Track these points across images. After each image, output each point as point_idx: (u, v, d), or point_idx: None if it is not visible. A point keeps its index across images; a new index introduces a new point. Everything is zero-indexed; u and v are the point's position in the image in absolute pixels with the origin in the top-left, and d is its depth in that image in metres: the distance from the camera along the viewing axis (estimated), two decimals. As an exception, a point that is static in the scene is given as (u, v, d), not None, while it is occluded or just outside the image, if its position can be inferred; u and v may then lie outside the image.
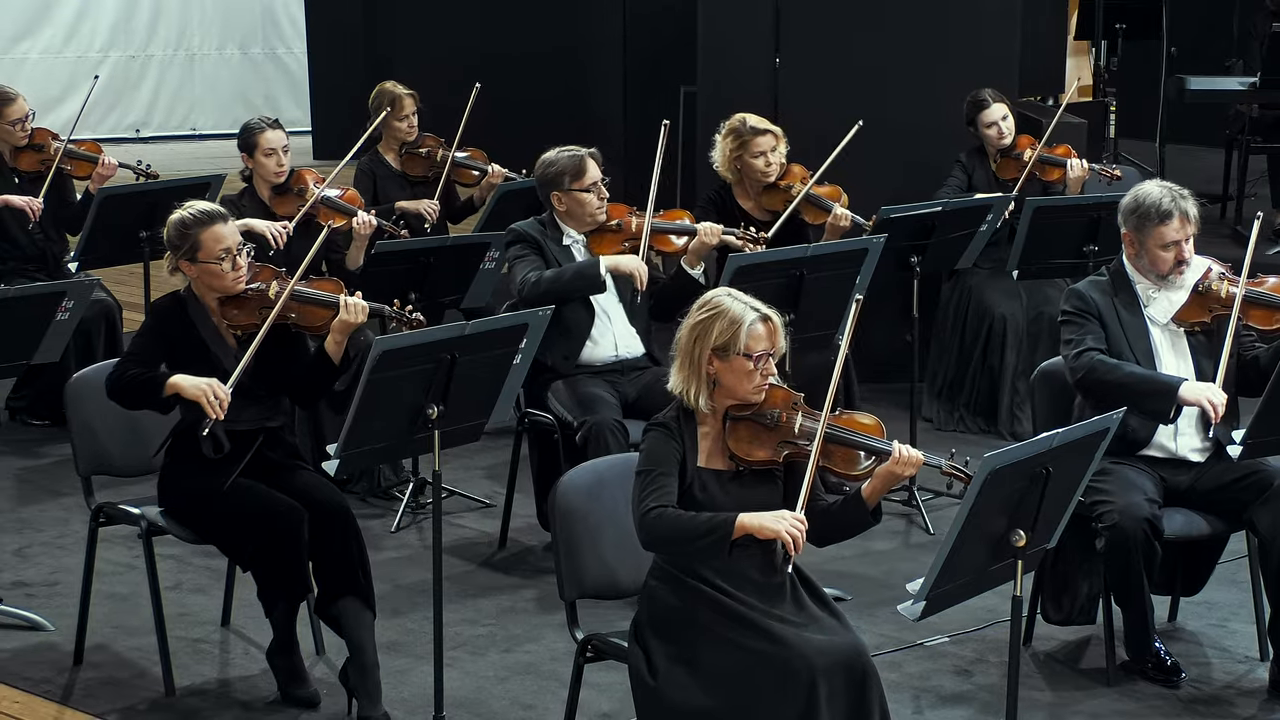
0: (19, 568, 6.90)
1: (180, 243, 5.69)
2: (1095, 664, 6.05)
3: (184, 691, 5.84)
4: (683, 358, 4.85)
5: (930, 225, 7.71)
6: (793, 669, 4.56)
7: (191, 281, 5.75)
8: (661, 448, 4.80)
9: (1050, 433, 4.68)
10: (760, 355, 4.79)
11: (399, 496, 7.55)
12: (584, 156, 6.93)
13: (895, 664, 6.02)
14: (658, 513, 4.70)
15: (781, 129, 7.86)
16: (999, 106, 8.56)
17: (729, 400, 4.83)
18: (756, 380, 4.80)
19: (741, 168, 7.79)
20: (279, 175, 7.85)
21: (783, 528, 4.62)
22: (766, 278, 6.61)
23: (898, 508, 7.54)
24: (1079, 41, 14.07)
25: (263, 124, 7.92)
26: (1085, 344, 5.94)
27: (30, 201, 8.44)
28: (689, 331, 4.85)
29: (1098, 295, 6.03)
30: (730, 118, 7.89)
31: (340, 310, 5.68)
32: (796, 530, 4.62)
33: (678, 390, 4.85)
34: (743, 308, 4.82)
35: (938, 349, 8.82)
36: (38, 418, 8.64)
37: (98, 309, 8.29)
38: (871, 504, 4.79)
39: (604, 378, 6.87)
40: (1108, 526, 5.71)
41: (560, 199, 6.93)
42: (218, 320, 5.75)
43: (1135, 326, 6.00)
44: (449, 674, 5.65)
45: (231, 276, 5.69)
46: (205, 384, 5.53)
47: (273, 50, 18.90)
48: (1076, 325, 6.01)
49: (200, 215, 5.71)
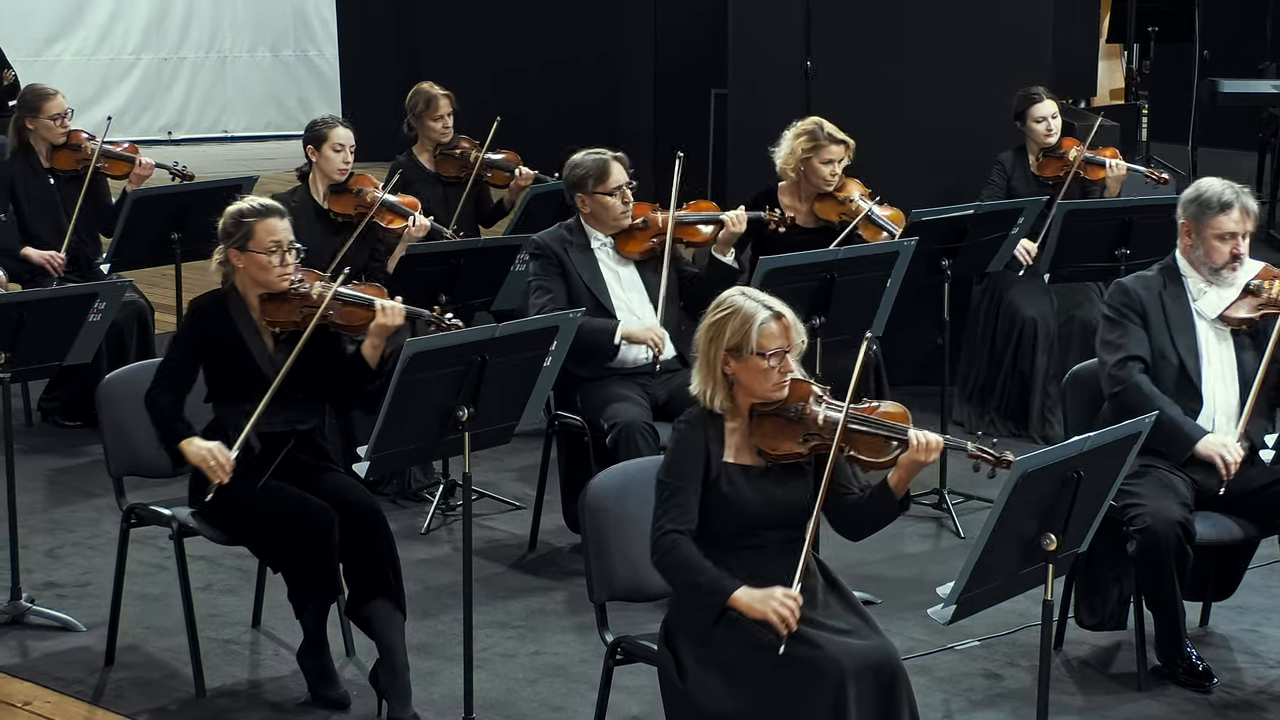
0: (51, 568, 6.92)
1: (234, 230, 5.71)
2: (1127, 669, 6.03)
3: (214, 692, 5.86)
4: (701, 360, 4.85)
5: (962, 228, 7.70)
6: (822, 672, 4.55)
7: (236, 276, 5.76)
8: (684, 450, 4.79)
9: (1082, 437, 4.67)
10: (775, 353, 4.78)
11: (429, 498, 7.56)
12: (609, 160, 6.93)
13: (925, 668, 6.01)
14: (674, 541, 4.71)
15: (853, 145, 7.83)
16: (1050, 103, 8.55)
17: (751, 399, 4.83)
18: (774, 378, 4.79)
19: (806, 170, 7.76)
20: (343, 173, 7.87)
21: (771, 608, 4.59)
22: (797, 281, 6.60)
23: (928, 511, 7.53)
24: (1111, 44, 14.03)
25: (333, 121, 7.98)
26: (1128, 351, 5.92)
27: (52, 258, 8.44)
28: (704, 333, 4.85)
29: (1143, 290, 6.01)
30: (805, 119, 7.86)
31: (377, 313, 5.70)
32: (786, 610, 4.58)
33: (697, 392, 4.85)
34: (755, 306, 4.81)
35: (969, 352, 8.81)
36: (70, 419, 8.66)
37: (130, 310, 8.32)
38: (899, 493, 4.78)
39: (634, 380, 6.86)
40: (1139, 530, 5.69)
41: (584, 201, 6.93)
42: (258, 318, 5.76)
43: (1181, 320, 5.98)
44: (478, 676, 5.65)
45: (278, 271, 5.70)
46: (207, 449, 5.57)
47: (304, 52, 18.96)
48: (1118, 326, 5.98)
49: (259, 207, 5.76)
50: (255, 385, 5.66)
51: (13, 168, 8.65)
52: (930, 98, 9.08)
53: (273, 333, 5.76)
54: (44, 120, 8.60)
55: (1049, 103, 8.56)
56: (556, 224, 7.11)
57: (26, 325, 6.21)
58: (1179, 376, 5.95)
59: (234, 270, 5.75)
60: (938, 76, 9.12)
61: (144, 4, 17.92)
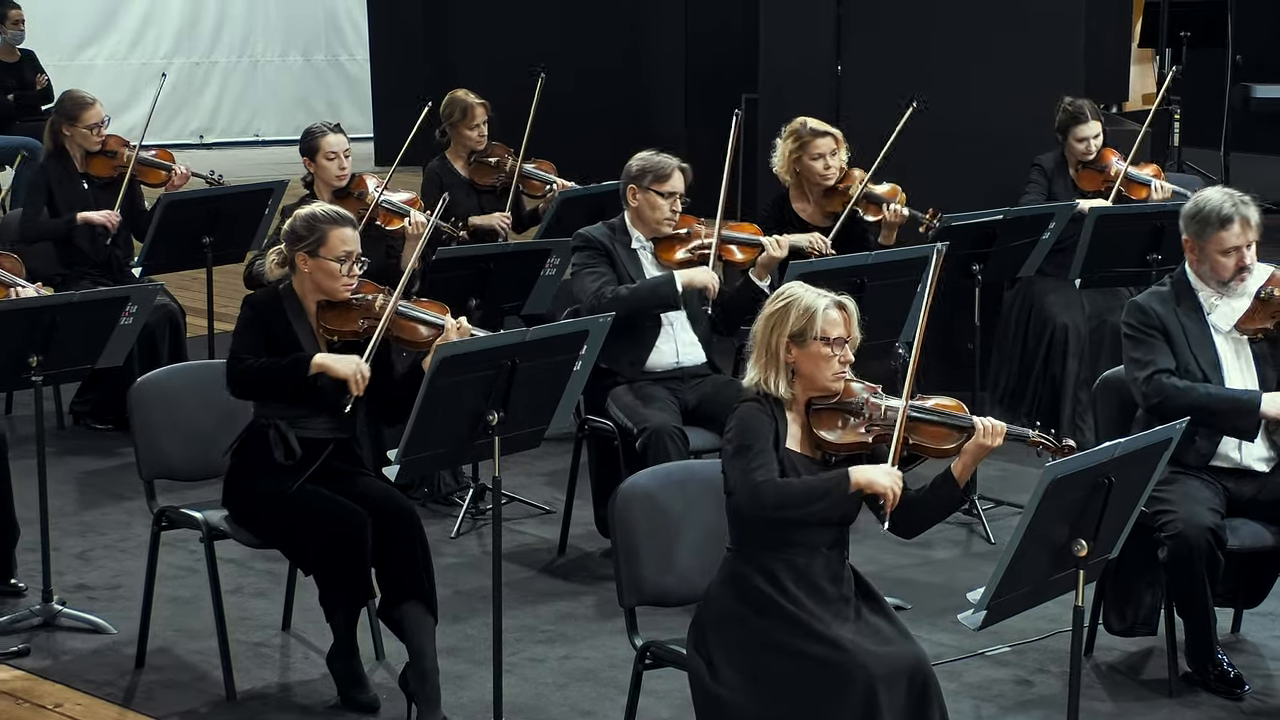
0: (82, 571, 6.94)
1: (306, 234, 5.71)
2: (1157, 675, 6.01)
3: (244, 695, 5.87)
4: (759, 349, 4.87)
5: (992, 234, 7.68)
6: (852, 677, 4.55)
7: (296, 280, 5.77)
8: (755, 421, 4.81)
9: (1113, 442, 4.67)
10: (836, 339, 4.81)
11: (459, 502, 7.57)
12: (675, 165, 6.94)
13: (955, 673, 6.00)
14: (773, 484, 4.71)
15: (842, 134, 7.85)
16: (1095, 124, 8.47)
17: (810, 390, 4.85)
18: (835, 366, 4.83)
19: (801, 170, 7.78)
20: (340, 179, 7.89)
21: (890, 483, 4.72)
22: (827, 285, 6.56)
23: (958, 516, 7.51)
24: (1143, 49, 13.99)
25: (324, 128, 7.97)
26: (1155, 365, 5.89)
27: (109, 216, 8.50)
28: (764, 322, 4.88)
29: (1159, 307, 5.98)
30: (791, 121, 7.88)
31: (445, 332, 5.72)
32: (900, 486, 4.74)
33: (754, 382, 4.85)
34: (816, 295, 4.88)
35: (999, 357, 8.79)
36: (101, 422, 8.69)
37: (161, 314, 8.34)
38: (962, 481, 4.81)
39: (664, 385, 6.86)
40: (1170, 536, 5.67)
41: (635, 194, 6.93)
42: (313, 323, 5.77)
43: (1199, 336, 5.95)
44: (508, 680, 5.65)
45: (343, 281, 5.71)
46: (352, 362, 5.59)
47: (335, 57, 19.01)
48: (1142, 343, 5.96)
49: (333, 214, 5.77)
50: (301, 388, 5.67)
51: (49, 170, 8.69)
52: (961, 103, 9.06)
53: (329, 340, 5.76)
54: (80, 129, 8.63)
55: (1094, 124, 8.47)
56: (599, 223, 7.12)
57: (59, 328, 6.23)
58: None
59: (294, 273, 5.76)
60: (968, 82, 9.10)
61: (176, 8, 17.99)
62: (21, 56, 13.38)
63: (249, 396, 5.75)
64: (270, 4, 18.55)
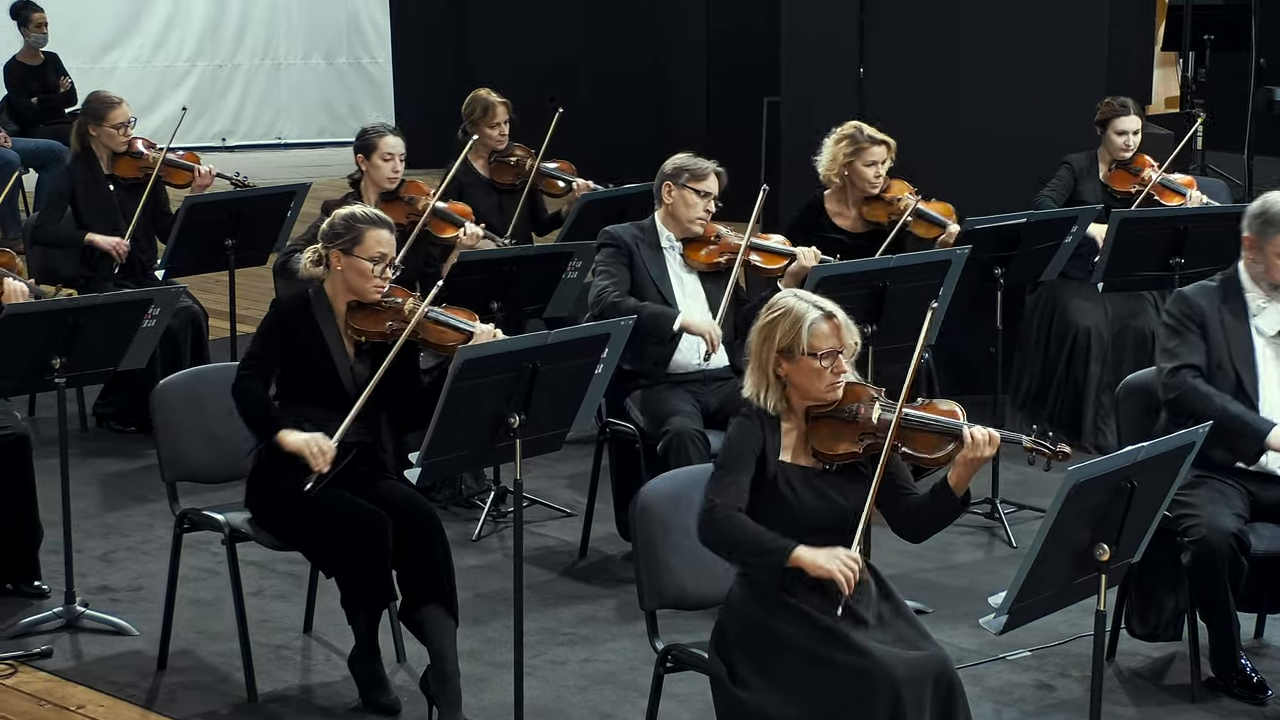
0: (104, 573, 6.96)
1: (344, 233, 5.72)
2: (1180, 680, 6.00)
3: (266, 697, 5.88)
4: (753, 362, 4.86)
5: (1015, 237, 7.67)
6: (877, 680, 4.54)
7: (327, 281, 5.78)
8: (741, 440, 4.80)
9: (1135, 446, 4.65)
10: (827, 353, 4.77)
11: (480, 505, 7.57)
12: (712, 168, 6.97)
13: (977, 677, 5.99)
14: (724, 513, 4.69)
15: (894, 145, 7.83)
16: (1135, 119, 8.47)
17: (805, 401, 4.83)
18: (827, 379, 4.79)
19: (850, 174, 7.76)
20: (393, 181, 7.89)
21: (835, 567, 4.61)
22: (849, 288, 6.59)
23: (980, 520, 7.50)
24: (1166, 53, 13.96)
25: (382, 129, 7.96)
26: (1184, 360, 5.88)
27: (118, 245, 8.51)
28: (757, 334, 4.86)
29: (1204, 301, 5.96)
30: (844, 124, 7.87)
31: (476, 339, 5.73)
32: (849, 570, 4.60)
33: (749, 394, 4.85)
34: (806, 307, 4.81)
35: (1021, 361, 8.77)
36: (124, 423, 8.71)
37: (184, 316, 8.36)
38: (959, 491, 4.77)
39: (686, 387, 6.86)
40: (1194, 541, 5.66)
41: (670, 191, 6.94)
42: (342, 325, 5.78)
43: (1239, 336, 5.93)
44: (529, 682, 5.65)
45: (375, 282, 5.72)
46: (309, 438, 5.59)
47: (357, 60, 19.04)
48: (1177, 335, 5.94)
49: (371, 215, 5.79)
50: (329, 390, 5.68)
51: (74, 172, 8.71)
52: (983, 106, 9.06)
53: (356, 342, 5.78)
54: (107, 129, 8.65)
55: (1134, 118, 8.47)
56: (626, 223, 7.13)
57: (82, 330, 6.24)
58: (1235, 391, 5.90)
59: (328, 272, 5.78)
60: (991, 85, 9.09)
61: (199, 11, 18.03)
62: (45, 59, 13.43)
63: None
64: (293, 7, 18.59)
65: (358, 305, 5.76)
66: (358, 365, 5.76)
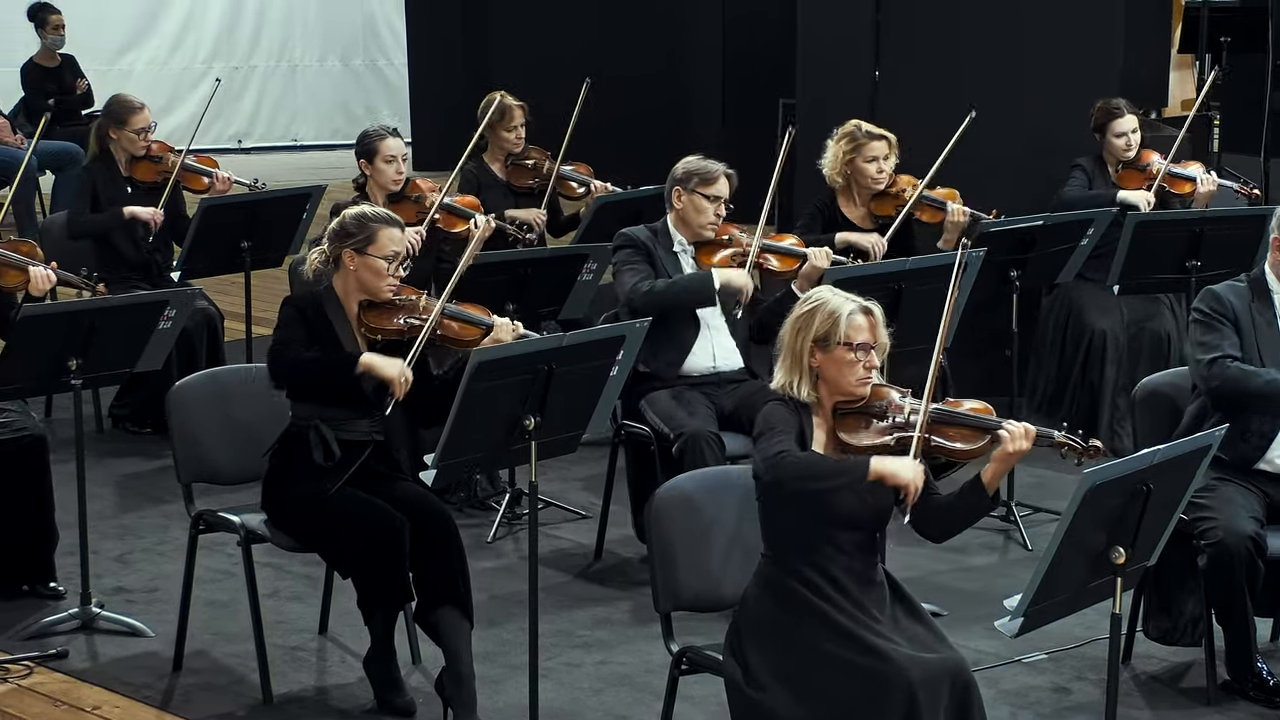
0: (120, 574, 6.97)
1: (357, 232, 5.73)
2: (1196, 683, 5.99)
3: (281, 698, 5.88)
4: (785, 352, 4.87)
5: (1030, 239, 7.66)
6: (893, 682, 4.53)
7: (338, 280, 5.78)
8: (783, 416, 4.81)
9: (1151, 449, 4.64)
10: (861, 345, 4.80)
11: (495, 507, 7.57)
12: (721, 170, 6.97)
13: (992, 680, 5.98)
14: (790, 454, 4.71)
15: (895, 139, 7.84)
16: (1131, 118, 8.48)
17: (835, 394, 4.84)
18: (859, 371, 4.82)
19: (852, 172, 7.78)
20: (396, 183, 7.91)
21: (911, 476, 4.70)
22: (865, 291, 6.55)
23: (995, 523, 7.49)
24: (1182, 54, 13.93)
25: (382, 131, 7.98)
26: (1221, 350, 5.87)
27: (155, 214, 8.54)
28: (791, 326, 4.88)
29: (1235, 299, 5.96)
30: (844, 124, 7.88)
31: (495, 331, 5.77)
32: (920, 481, 4.71)
33: (780, 385, 4.85)
34: (843, 300, 4.86)
35: (1037, 363, 8.76)
36: (140, 425, 8.72)
37: (200, 318, 8.37)
38: (992, 488, 4.79)
39: (701, 389, 6.86)
40: (1210, 544, 5.65)
41: (680, 197, 6.94)
42: (354, 324, 5.79)
43: (1269, 336, 5.93)
44: (543, 685, 5.65)
45: (388, 281, 5.73)
46: (397, 364, 5.61)
47: (373, 61, 19.07)
48: (1211, 329, 5.93)
49: (383, 215, 5.81)
50: (341, 385, 5.68)
51: (92, 172, 8.73)
52: (1000, 109, 9.03)
53: (370, 340, 5.78)
54: (128, 133, 8.67)
55: (1130, 118, 8.48)
56: (640, 225, 7.13)
57: (98, 332, 6.25)
58: None
59: (335, 270, 5.78)
60: (1007, 87, 9.07)
61: (215, 14, 18.06)
62: (62, 61, 13.46)
63: (290, 385, 5.73)
64: (309, 9, 18.61)
65: (370, 304, 5.77)
66: None
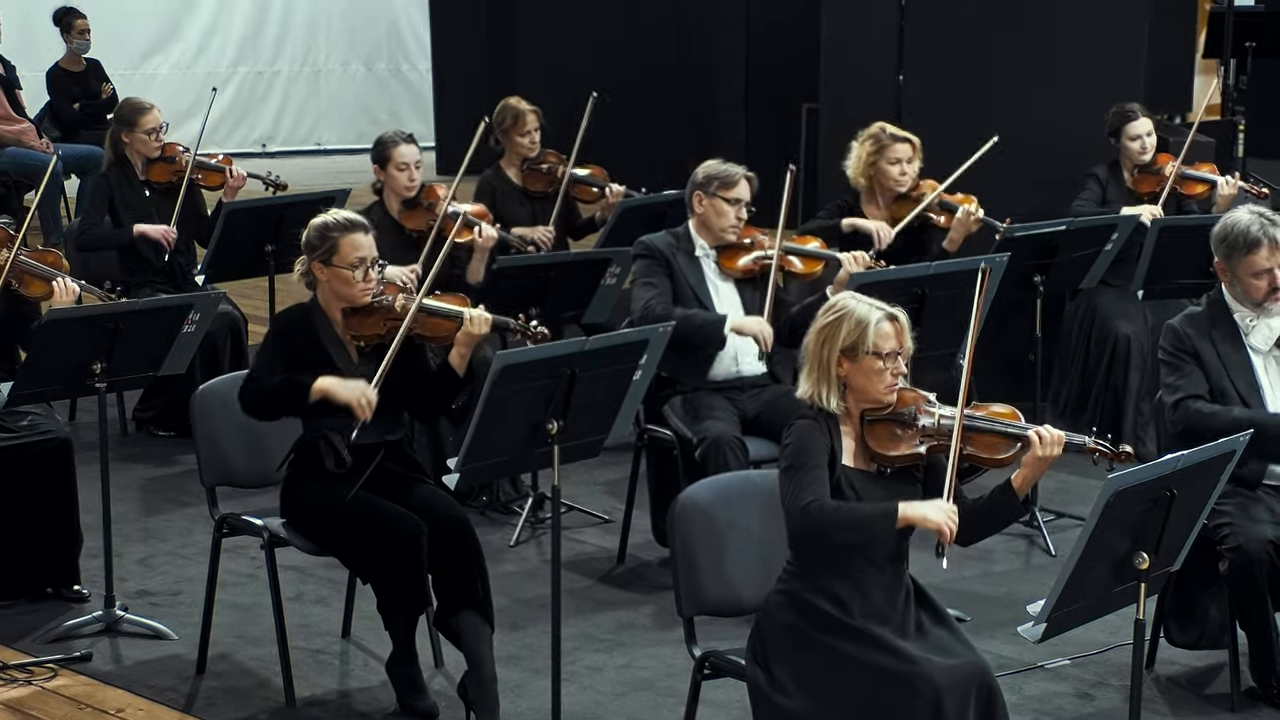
0: (144, 577, 6.98)
1: (319, 244, 5.75)
2: (1220, 689, 5.97)
3: (304, 702, 5.89)
4: (811, 362, 4.85)
5: (1054, 245, 7.65)
6: (917, 688, 4.53)
7: (319, 290, 5.81)
8: (810, 439, 4.79)
9: (1175, 455, 4.63)
10: (889, 353, 4.79)
11: (518, 511, 7.57)
12: (741, 174, 6.97)
13: (1015, 686, 5.97)
14: (819, 504, 4.68)
15: (919, 143, 7.84)
16: (1146, 121, 8.49)
17: (863, 403, 4.84)
18: (887, 379, 4.81)
19: (875, 174, 7.79)
20: (409, 190, 7.92)
21: (944, 520, 4.63)
22: (888, 296, 6.54)
23: (1019, 528, 7.47)
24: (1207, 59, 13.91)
25: (396, 138, 7.99)
26: (1185, 391, 5.87)
27: (166, 233, 8.56)
28: (816, 335, 4.86)
29: (1193, 331, 5.95)
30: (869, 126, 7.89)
31: (464, 323, 5.73)
32: (954, 522, 4.64)
33: (807, 395, 4.84)
34: (868, 308, 4.84)
35: (1061, 369, 8.75)
36: (164, 428, 8.75)
37: (223, 321, 8.39)
38: (1022, 493, 4.78)
39: (723, 394, 6.86)
40: (1231, 549, 5.64)
41: (701, 201, 6.94)
42: (341, 332, 5.80)
43: (1236, 359, 5.91)
44: (566, 689, 5.65)
45: (360, 286, 5.74)
46: (356, 387, 5.59)
47: (397, 66, 19.10)
48: (1174, 369, 5.94)
49: (343, 221, 5.80)
50: (310, 409, 5.68)
51: (111, 179, 8.76)
52: (1024, 113, 9.03)
53: (357, 346, 5.80)
54: (139, 135, 8.70)
55: (1144, 120, 8.49)
56: (662, 231, 7.13)
57: (123, 336, 6.27)
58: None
59: (316, 282, 5.80)
60: (1031, 92, 9.06)
61: (240, 18, 18.10)
62: (87, 65, 13.51)
63: (258, 416, 5.77)
64: (333, 14, 18.65)
65: (352, 310, 5.78)
66: (363, 369, 5.75)
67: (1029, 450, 4.78)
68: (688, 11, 14.89)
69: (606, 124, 9.14)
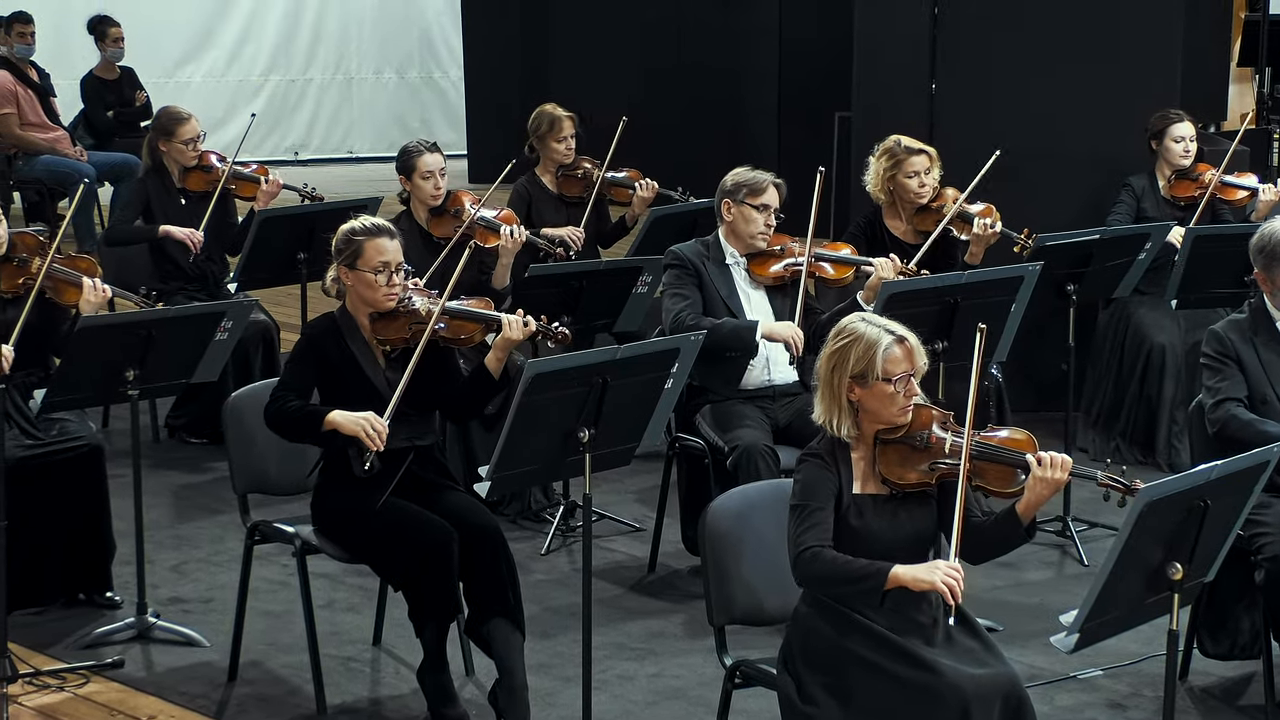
0: (176, 584, 7.00)
1: (344, 248, 5.78)
2: (1254, 700, 5.94)
3: (335, 709, 5.90)
4: (824, 388, 4.82)
5: (1088, 253, 7.63)
6: (945, 698, 4.51)
7: (347, 297, 5.82)
8: (816, 479, 4.77)
9: (1209, 464, 4.61)
10: (900, 377, 4.76)
11: (549, 519, 7.57)
12: (770, 180, 6.96)
13: (1047, 696, 5.95)
14: (813, 552, 4.67)
15: (936, 153, 7.82)
16: (1189, 125, 8.49)
17: (876, 425, 4.81)
18: (900, 402, 4.77)
19: (894, 188, 7.76)
20: (435, 198, 7.92)
21: (937, 578, 4.56)
22: (920, 305, 6.56)
23: (1052, 538, 7.45)
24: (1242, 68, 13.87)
25: (421, 147, 7.99)
26: (1226, 394, 5.90)
27: (192, 235, 8.59)
28: (826, 361, 4.83)
29: (1236, 336, 5.97)
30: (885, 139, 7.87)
31: (504, 328, 5.74)
32: (952, 579, 4.55)
33: (821, 420, 4.83)
34: (878, 332, 4.79)
35: (1094, 378, 8.73)
36: (196, 436, 8.77)
37: (256, 329, 8.41)
38: (1026, 519, 4.73)
39: (755, 403, 6.85)
40: (1267, 559, 5.61)
41: (730, 209, 6.94)
42: (369, 338, 5.82)
43: (1278, 366, 5.91)
44: (597, 697, 5.65)
45: (384, 291, 5.75)
46: (362, 418, 5.60)
47: (429, 74, 19.13)
48: (1217, 372, 5.97)
49: (370, 226, 5.83)
50: (370, 403, 5.69)
51: (147, 185, 8.79)
52: (1057, 122, 9.01)
53: (384, 351, 5.81)
54: (176, 144, 8.72)
55: (1188, 124, 8.48)
56: (692, 239, 7.13)
57: (155, 343, 6.29)
58: None
59: (345, 290, 5.82)
60: (1065, 100, 9.04)
61: (272, 26, 18.15)
62: (121, 73, 13.57)
63: (280, 435, 5.81)
64: (365, 22, 18.69)
65: (378, 315, 5.80)
66: (391, 374, 5.77)
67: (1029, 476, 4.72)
68: (721, 20, 14.89)
69: (639, 131, 9.13)
